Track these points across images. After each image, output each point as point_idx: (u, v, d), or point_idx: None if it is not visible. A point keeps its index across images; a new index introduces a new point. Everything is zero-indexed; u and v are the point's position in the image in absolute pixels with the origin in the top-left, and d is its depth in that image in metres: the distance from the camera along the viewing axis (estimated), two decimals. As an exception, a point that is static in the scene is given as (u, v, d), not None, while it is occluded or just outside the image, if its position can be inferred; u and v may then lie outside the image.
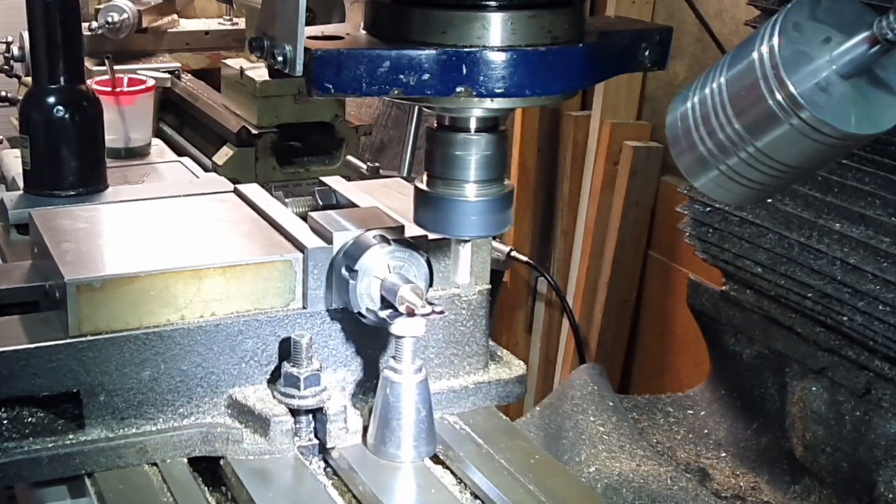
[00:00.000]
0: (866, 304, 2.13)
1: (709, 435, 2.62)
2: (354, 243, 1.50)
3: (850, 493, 2.25)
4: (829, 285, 2.21)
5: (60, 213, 1.67)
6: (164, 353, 1.47)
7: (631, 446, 2.44)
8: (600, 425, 2.49)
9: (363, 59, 1.21)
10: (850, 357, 2.23)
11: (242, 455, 1.50)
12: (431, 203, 1.38)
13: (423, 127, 1.50)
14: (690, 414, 2.70)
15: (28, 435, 1.44)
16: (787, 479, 2.42)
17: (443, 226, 1.39)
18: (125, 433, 1.47)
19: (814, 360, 2.32)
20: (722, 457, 2.54)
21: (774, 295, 2.39)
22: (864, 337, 2.17)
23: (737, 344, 2.58)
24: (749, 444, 2.54)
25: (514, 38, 1.24)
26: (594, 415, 2.54)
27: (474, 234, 1.41)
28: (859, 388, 2.21)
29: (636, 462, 2.38)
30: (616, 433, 2.48)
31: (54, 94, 1.96)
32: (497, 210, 1.38)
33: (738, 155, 1.29)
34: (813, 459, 2.32)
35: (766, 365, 2.49)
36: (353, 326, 1.56)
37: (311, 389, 1.49)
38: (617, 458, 2.39)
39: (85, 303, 1.43)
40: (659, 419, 2.68)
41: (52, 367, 1.42)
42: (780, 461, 2.44)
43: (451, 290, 1.62)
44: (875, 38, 1.18)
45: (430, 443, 1.51)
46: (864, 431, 2.22)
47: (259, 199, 1.73)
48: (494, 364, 1.69)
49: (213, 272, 1.49)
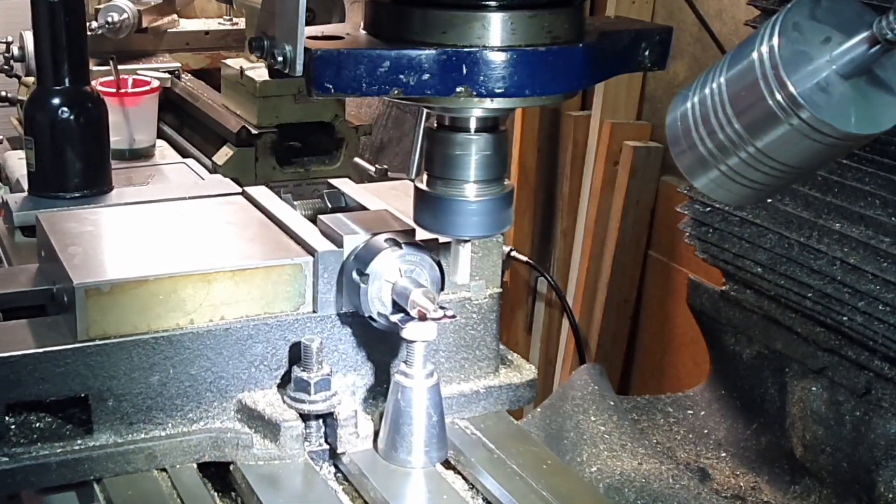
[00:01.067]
0: (866, 304, 2.13)
1: (709, 435, 2.62)
2: (365, 247, 1.50)
3: (850, 493, 2.25)
4: (829, 285, 2.21)
5: (67, 216, 1.66)
6: (172, 358, 1.46)
7: (632, 445, 2.44)
8: (601, 425, 2.49)
9: (363, 59, 1.21)
10: (850, 357, 2.23)
11: (252, 460, 1.49)
12: (431, 203, 1.38)
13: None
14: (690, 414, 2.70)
15: (36, 440, 1.43)
16: (787, 479, 2.42)
17: (443, 226, 1.39)
18: (134, 438, 1.46)
19: (814, 360, 2.32)
20: (722, 457, 2.54)
21: (774, 295, 2.38)
22: (864, 337, 2.16)
23: (737, 344, 2.57)
24: (749, 444, 2.54)
25: (513, 38, 1.24)
26: (595, 414, 2.54)
27: (474, 234, 1.40)
28: (859, 388, 2.21)
29: (638, 460, 2.38)
30: (617, 432, 2.47)
31: (59, 96, 1.96)
32: (497, 210, 1.38)
33: (739, 155, 1.29)
34: (813, 459, 2.32)
35: (766, 365, 2.49)
36: (364, 330, 1.55)
37: (322, 394, 1.48)
38: (618, 456, 2.39)
39: (93, 307, 1.42)
40: (659, 419, 2.67)
41: (60, 371, 1.41)
42: (780, 461, 2.44)
43: (461, 294, 1.61)
44: (875, 38, 1.18)
45: (441, 448, 1.51)
46: (864, 431, 2.22)
47: (267, 201, 1.72)
48: (505, 368, 1.68)
49: (222, 276, 1.48)
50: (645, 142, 3.53)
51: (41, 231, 1.61)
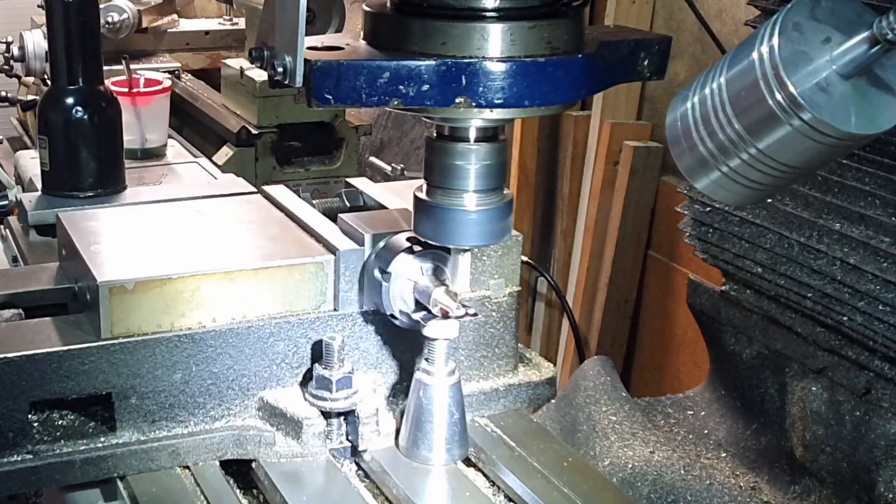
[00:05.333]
0: (866, 304, 2.13)
1: (709, 435, 2.62)
2: (386, 245, 1.50)
3: (850, 493, 2.25)
4: (829, 285, 2.21)
5: (88, 215, 1.66)
6: (195, 356, 1.47)
7: (644, 433, 2.45)
8: (612, 415, 2.50)
9: (363, 70, 1.22)
10: (850, 357, 2.24)
11: (274, 458, 1.49)
12: (431, 212, 1.39)
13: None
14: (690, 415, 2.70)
15: (59, 438, 1.44)
16: (787, 479, 2.42)
17: (442, 235, 1.40)
18: (157, 436, 1.47)
19: (814, 360, 2.32)
20: (722, 457, 2.55)
21: (774, 295, 2.39)
22: (864, 337, 2.17)
23: (737, 344, 2.58)
24: (749, 444, 2.54)
25: (513, 48, 1.25)
26: (606, 405, 2.55)
27: (474, 244, 1.41)
28: (859, 388, 2.22)
29: (650, 448, 2.39)
30: (628, 421, 2.48)
31: (73, 95, 1.96)
32: (497, 219, 1.39)
33: (739, 156, 1.29)
34: (813, 459, 2.33)
35: (766, 365, 2.49)
36: (385, 328, 1.56)
37: (343, 392, 1.49)
38: (630, 446, 2.39)
39: (117, 305, 1.42)
40: (659, 421, 2.68)
41: (83, 369, 1.42)
42: (780, 461, 2.44)
43: (480, 292, 1.62)
44: (875, 38, 1.18)
45: (462, 445, 1.51)
46: (864, 431, 2.22)
47: (287, 200, 1.72)
48: (523, 366, 1.69)
49: (244, 274, 1.49)
50: (645, 142, 3.53)
51: (62, 230, 1.62)
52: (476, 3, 1.25)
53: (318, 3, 3.45)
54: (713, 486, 2.28)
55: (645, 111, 3.64)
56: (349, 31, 3.48)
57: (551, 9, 1.28)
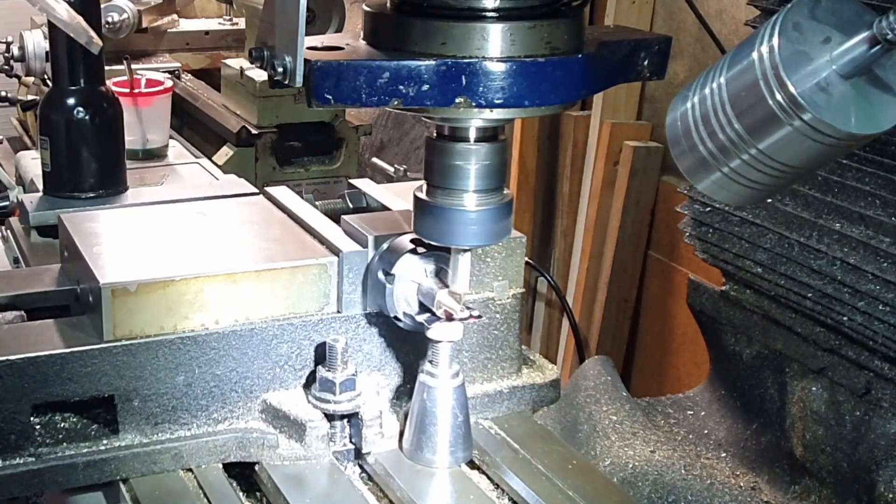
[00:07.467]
0: (866, 304, 2.14)
1: (709, 435, 2.63)
2: (390, 247, 1.50)
3: (850, 493, 2.26)
4: (829, 285, 2.22)
5: (90, 216, 1.66)
6: (198, 358, 1.46)
7: (644, 433, 2.45)
8: (612, 414, 2.50)
9: (363, 70, 1.22)
10: (850, 357, 2.24)
11: (278, 460, 1.49)
12: (431, 212, 1.38)
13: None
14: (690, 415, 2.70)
15: (62, 440, 1.43)
16: (787, 479, 2.43)
17: (442, 235, 1.39)
18: (160, 438, 1.46)
19: (814, 360, 2.33)
20: (722, 457, 2.55)
21: (774, 295, 2.39)
22: (864, 337, 2.17)
23: (736, 344, 2.58)
24: (749, 444, 2.54)
25: (513, 49, 1.25)
26: (606, 404, 2.55)
27: (474, 244, 1.41)
28: (859, 388, 2.22)
29: (651, 448, 2.39)
30: (629, 421, 2.49)
31: (74, 96, 1.96)
32: (497, 219, 1.38)
33: (740, 156, 1.28)
34: (813, 459, 2.33)
35: (766, 365, 2.50)
36: (388, 331, 1.55)
37: (347, 394, 1.48)
38: (631, 445, 2.40)
39: (120, 307, 1.42)
40: (659, 421, 2.68)
41: (86, 371, 1.41)
42: (780, 461, 2.45)
43: (484, 294, 1.61)
44: (875, 38, 1.18)
45: (466, 448, 1.51)
46: (864, 431, 2.22)
47: (289, 201, 1.72)
48: (527, 368, 1.69)
49: (247, 276, 1.48)
50: (645, 142, 3.54)
51: (64, 231, 1.61)
52: (476, 3, 1.25)
53: (318, 3, 3.46)
54: (713, 486, 2.28)
55: (645, 111, 3.64)
56: (349, 31, 3.48)
57: (551, 9, 1.28)
